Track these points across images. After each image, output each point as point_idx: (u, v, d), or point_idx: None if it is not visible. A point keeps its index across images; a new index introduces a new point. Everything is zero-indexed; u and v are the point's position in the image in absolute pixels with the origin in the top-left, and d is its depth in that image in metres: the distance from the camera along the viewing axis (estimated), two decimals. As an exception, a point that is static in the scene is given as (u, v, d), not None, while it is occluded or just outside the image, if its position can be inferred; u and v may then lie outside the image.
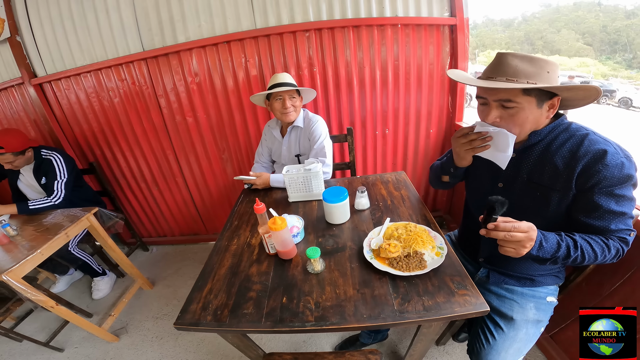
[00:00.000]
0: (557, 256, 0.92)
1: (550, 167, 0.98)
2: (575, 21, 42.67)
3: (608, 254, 0.93)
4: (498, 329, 1.17)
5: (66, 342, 2.20)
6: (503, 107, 0.94)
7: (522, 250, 0.88)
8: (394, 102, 2.29)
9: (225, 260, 1.26)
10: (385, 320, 0.90)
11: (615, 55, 34.49)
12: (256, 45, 2.12)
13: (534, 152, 1.03)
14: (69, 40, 2.21)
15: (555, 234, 0.94)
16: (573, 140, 0.96)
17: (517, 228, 0.86)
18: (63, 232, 1.82)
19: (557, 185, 0.97)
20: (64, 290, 2.73)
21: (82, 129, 2.55)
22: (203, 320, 1.00)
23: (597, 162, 0.88)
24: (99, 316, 2.39)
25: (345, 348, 1.87)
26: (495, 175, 1.14)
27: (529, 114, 0.94)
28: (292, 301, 1.01)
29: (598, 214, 0.93)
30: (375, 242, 1.17)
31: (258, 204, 1.13)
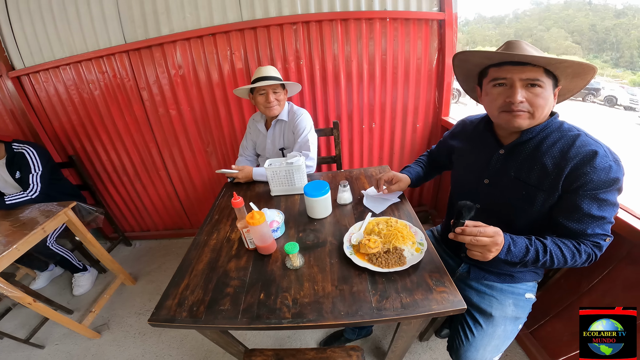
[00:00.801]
0: (526, 260, 0.92)
1: (539, 167, 0.97)
2: (565, 19, 43.00)
3: (579, 259, 0.93)
4: (477, 325, 1.17)
5: (47, 338, 2.16)
6: (529, 86, 0.92)
7: (488, 254, 0.88)
8: (380, 97, 2.27)
9: (203, 255, 1.23)
10: (362, 317, 0.88)
11: (602, 54, 34.96)
12: (242, 37, 2.07)
13: (524, 150, 1.01)
14: (48, 32, 2.13)
15: (525, 238, 0.94)
16: (564, 140, 0.94)
17: (483, 233, 0.86)
18: (39, 227, 1.77)
19: (543, 186, 0.96)
20: (45, 286, 2.66)
21: (61, 122, 2.47)
22: (178, 317, 0.98)
23: (586, 164, 0.88)
24: (80, 312, 2.34)
25: (330, 343, 1.86)
26: (481, 171, 1.12)
27: (549, 96, 0.92)
28: (270, 297, 0.99)
29: (577, 217, 0.93)
30: (355, 237, 1.15)
31: (236, 198, 1.10)
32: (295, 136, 1.82)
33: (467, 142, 1.24)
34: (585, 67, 0.88)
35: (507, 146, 1.05)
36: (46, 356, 2.05)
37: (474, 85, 1.12)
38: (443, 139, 1.43)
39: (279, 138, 1.91)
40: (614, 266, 1.20)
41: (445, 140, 1.40)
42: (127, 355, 1.99)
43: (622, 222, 1.12)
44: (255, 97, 1.79)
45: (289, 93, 1.95)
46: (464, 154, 1.23)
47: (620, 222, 1.12)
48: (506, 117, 0.97)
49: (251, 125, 2.02)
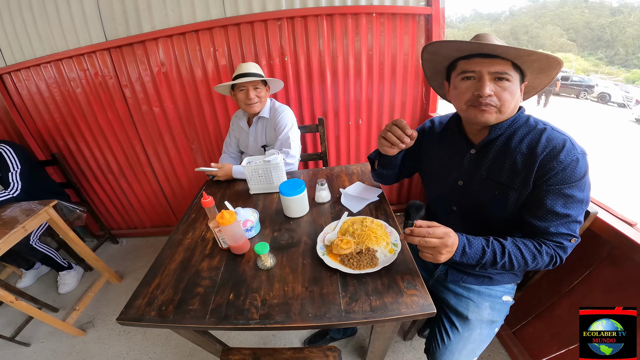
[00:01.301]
0: (483, 262, 0.90)
1: (509, 165, 0.94)
2: (560, 17, 43.19)
3: (540, 261, 0.91)
4: (453, 328, 1.15)
5: (32, 336, 2.15)
6: (497, 79, 0.89)
7: (438, 256, 0.86)
8: (367, 93, 2.25)
9: (177, 254, 1.21)
10: (330, 320, 0.87)
11: (597, 52, 35.14)
12: (226, 34, 2.04)
13: (494, 147, 0.99)
14: (28, 30, 2.10)
15: (483, 239, 0.92)
16: (532, 135, 0.92)
17: (431, 234, 0.84)
18: (20, 226, 1.74)
19: (515, 184, 0.94)
20: (31, 284, 2.65)
21: (44, 120, 2.44)
22: (147, 316, 0.96)
23: (553, 159, 0.86)
24: (65, 310, 2.33)
25: (315, 342, 1.85)
26: (455, 173, 1.10)
27: (516, 90, 0.90)
28: (239, 298, 0.97)
29: (541, 214, 0.90)
30: (329, 237, 1.13)
31: (205, 198, 1.08)
32: (277, 133, 1.80)
33: (437, 144, 1.20)
34: (552, 60, 0.86)
35: (478, 145, 1.02)
36: (32, 354, 2.05)
37: (442, 80, 1.09)
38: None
39: (260, 135, 1.89)
40: (594, 268, 1.19)
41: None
42: (112, 353, 1.99)
43: (602, 223, 1.10)
44: (236, 94, 1.76)
45: (272, 90, 1.92)
46: (436, 156, 1.19)
47: (600, 223, 1.11)
48: (474, 112, 0.94)
49: (234, 123, 1.99)
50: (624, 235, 1.04)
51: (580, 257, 1.22)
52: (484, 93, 0.89)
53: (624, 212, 1.15)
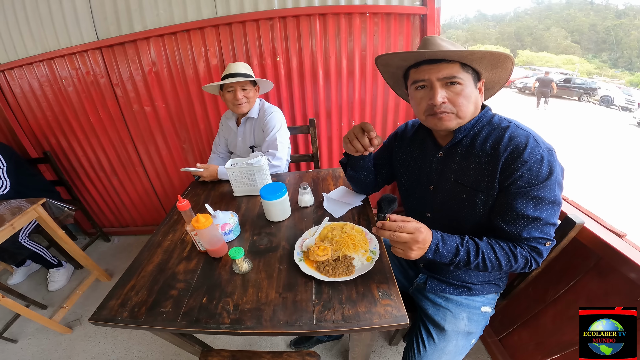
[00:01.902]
0: (456, 261, 0.87)
1: (474, 166, 0.92)
2: (565, 19, 43.06)
3: (515, 264, 0.88)
4: (430, 339, 1.13)
5: (20, 333, 2.16)
6: (448, 85, 0.87)
7: (409, 252, 0.83)
8: (360, 94, 2.22)
9: (155, 256, 1.20)
10: (301, 327, 0.85)
11: (601, 54, 35.02)
12: (217, 34, 2.02)
13: (460, 149, 0.97)
14: (21, 29, 2.10)
15: (458, 238, 0.89)
16: (495, 134, 0.90)
17: (402, 228, 0.81)
18: (8, 224, 1.73)
19: (480, 186, 0.91)
20: (21, 281, 2.65)
21: (36, 118, 2.45)
22: (119, 317, 0.96)
23: (516, 158, 0.83)
24: (54, 308, 2.32)
25: (300, 344, 1.84)
26: (426, 178, 1.08)
27: (471, 92, 0.88)
28: (212, 302, 0.96)
29: (511, 218, 0.87)
30: (307, 243, 1.11)
31: (181, 201, 1.06)
32: (265, 134, 1.78)
33: (408, 148, 1.18)
34: (498, 56, 0.84)
35: (445, 148, 1.00)
36: (18, 350, 2.06)
37: (404, 89, 1.05)
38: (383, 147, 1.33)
39: (249, 135, 1.87)
40: (581, 277, 1.17)
41: (386, 148, 1.31)
42: (97, 350, 1.99)
43: (589, 233, 1.09)
44: (224, 94, 1.75)
45: (262, 90, 1.91)
46: (407, 162, 1.17)
47: (587, 233, 1.09)
48: (432, 121, 0.93)
49: (223, 122, 1.98)
50: (610, 246, 1.03)
51: (567, 266, 1.21)
52: (436, 102, 0.88)
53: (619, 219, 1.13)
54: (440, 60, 0.85)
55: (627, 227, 1.12)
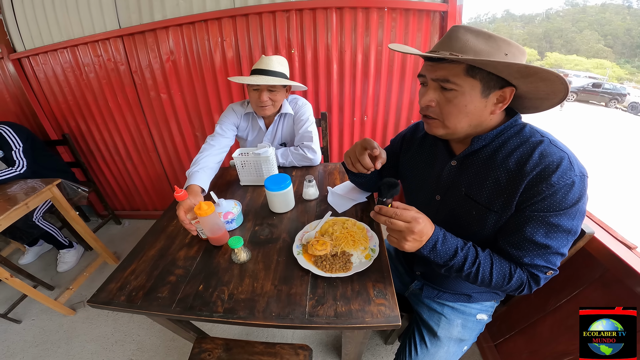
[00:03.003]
0: (450, 265, 0.81)
1: (491, 183, 0.81)
2: (600, 22, 41.60)
3: (507, 285, 0.81)
4: (422, 344, 1.11)
5: (25, 314, 2.20)
6: (442, 89, 0.77)
7: (403, 242, 0.78)
8: (374, 89, 2.19)
9: (158, 241, 1.21)
10: (292, 321, 0.84)
11: (634, 59, 33.66)
12: (234, 24, 2.02)
13: (477, 160, 0.85)
14: (48, 17, 2.16)
15: (460, 242, 0.82)
16: (523, 149, 0.77)
17: (399, 216, 0.76)
18: (22, 203, 1.78)
19: (495, 206, 0.80)
20: (32, 261, 2.72)
21: (58, 102, 2.52)
22: (116, 300, 0.97)
23: (543, 180, 0.71)
24: (60, 289, 2.38)
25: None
26: (433, 186, 0.99)
27: (469, 103, 0.75)
28: (208, 290, 0.96)
29: (516, 240, 0.79)
30: (307, 236, 1.10)
31: (178, 192, 1.07)
32: (297, 127, 1.69)
33: (417, 151, 1.08)
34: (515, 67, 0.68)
35: (459, 156, 0.89)
36: (21, 330, 2.10)
37: None
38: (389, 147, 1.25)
39: (282, 133, 1.76)
40: (584, 288, 1.13)
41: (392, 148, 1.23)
42: (97, 333, 2.03)
43: (598, 243, 1.04)
44: (249, 91, 1.58)
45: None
46: (414, 165, 1.08)
47: (596, 243, 1.05)
48: (424, 124, 0.88)
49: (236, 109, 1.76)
50: (619, 258, 0.98)
51: (571, 276, 1.17)
52: (421, 103, 0.81)
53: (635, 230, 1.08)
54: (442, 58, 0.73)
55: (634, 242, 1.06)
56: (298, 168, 1.70)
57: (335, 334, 1.86)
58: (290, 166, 1.69)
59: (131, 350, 1.90)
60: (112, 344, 1.95)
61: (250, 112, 1.70)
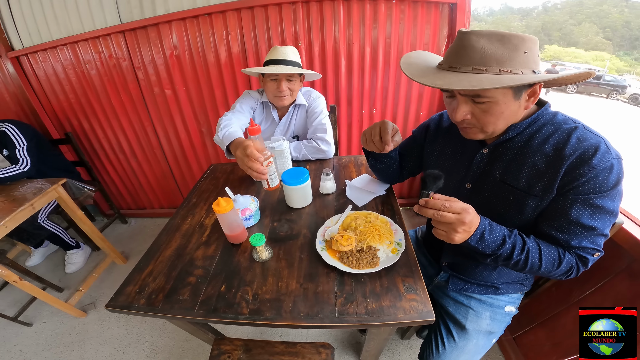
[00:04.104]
0: (499, 254, 0.80)
1: (529, 167, 0.82)
2: (598, 15, 41.64)
3: (556, 270, 0.80)
4: (450, 337, 1.09)
5: (35, 316, 2.18)
6: (473, 101, 0.77)
7: (453, 234, 0.75)
8: (383, 82, 2.16)
9: (173, 240, 1.17)
10: (322, 321, 0.81)
11: (633, 52, 33.72)
12: (239, 17, 1.98)
13: (511, 147, 0.86)
14: (46, 13, 2.10)
15: (505, 229, 0.81)
16: (558, 135, 0.79)
17: (448, 208, 0.74)
18: (28, 204, 1.74)
19: (535, 190, 0.81)
20: (39, 263, 2.68)
21: (59, 100, 2.47)
22: (136, 304, 0.93)
23: (584, 163, 0.73)
24: (70, 290, 2.35)
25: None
26: (462, 175, 0.98)
27: (505, 109, 0.76)
28: (231, 290, 0.93)
29: (562, 224, 0.79)
30: (330, 232, 1.07)
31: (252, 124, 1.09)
32: (311, 119, 1.66)
33: (444, 140, 1.08)
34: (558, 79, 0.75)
35: (492, 144, 0.89)
36: (33, 334, 2.07)
37: None
38: (411, 137, 1.25)
39: (296, 125, 1.73)
40: (610, 279, 1.11)
41: (415, 139, 1.23)
42: (110, 335, 2.00)
43: (626, 233, 1.03)
44: (266, 82, 1.56)
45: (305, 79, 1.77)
46: (441, 155, 1.08)
47: (624, 233, 1.03)
48: (460, 130, 0.87)
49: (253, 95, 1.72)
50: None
51: (597, 267, 1.13)
52: (455, 119, 0.81)
53: None
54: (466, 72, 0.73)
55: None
56: (311, 162, 1.65)
57: (352, 331, 1.84)
58: (303, 160, 1.65)
59: (145, 352, 1.88)
60: (125, 346, 1.93)
61: (266, 101, 1.68)
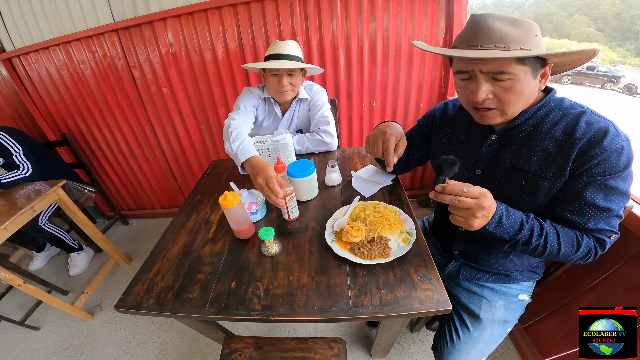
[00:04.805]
0: (517, 239, 0.79)
1: (540, 152, 0.82)
2: (589, 7, 41.84)
3: (575, 253, 0.80)
4: (464, 327, 1.08)
5: (42, 320, 2.17)
6: (494, 79, 0.76)
7: (472, 220, 0.75)
8: (382, 75, 2.14)
9: (179, 238, 1.16)
10: (337, 314, 0.80)
11: (626, 43, 33.93)
12: (235, 13, 1.96)
13: (520, 133, 0.86)
14: (36, 13, 2.06)
15: (522, 214, 0.80)
16: (567, 119, 0.80)
17: (466, 193, 0.73)
18: (28, 207, 1.72)
19: (547, 173, 0.81)
20: (42, 266, 2.67)
21: (54, 102, 2.43)
22: (145, 304, 0.92)
23: (595, 145, 0.73)
24: (75, 293, 2.33)
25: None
26: (471, 161, 0.98)
27: (525, 87, 0.76)
28: (241, 286, 0.92)
29: (577, 207, 0.79)
30: (339, 223, 1.05)
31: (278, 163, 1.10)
32: (313, 112, 1.64)
33: (450, 128, 1.08)
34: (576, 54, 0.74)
35: (500, 131, 0.90)
36: (41, 337, 2.06)
37: None
38: (416, 127, 1.25)
39: (298, 119, 1.71)
40: (620, 265, 1.09)
41: (420, 128, 1.22)
42: (118, 337, 1.99)
43: (636, 217, 1.01)
44: (267, 78, 1.53)
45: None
46: (448, 143, 1.07)
47: (634, 217, 1.02)
48: (475, 115, 0.86)
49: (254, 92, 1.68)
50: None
51: (607, 253, 1.12)
52: (478, 97, 0.78)
53: None
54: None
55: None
56: (315, 154, 1.64)
57: (360, 324, 1.83)
58: (306, 153, 1.64)
59: (154, 353, 1.87)
60: (134, 347, 1.92)
61: (267, 97, 1.65)
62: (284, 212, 1.13)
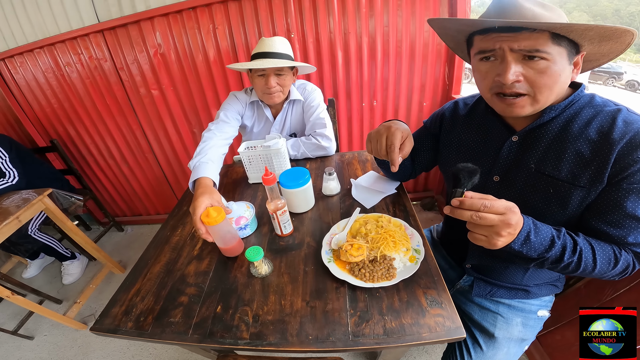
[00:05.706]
0: (547, 257, 0.68)
1: (572, 155, 0.71)
2: (587, 3, 41.79)
3: (611, 270, 0.70)
4: (476, 347, 0.98)
5: (36, 329, 2.12)
6: (526, 59, 0.66)
7: (496, 239, 0.63)
8: (383, 73, 2.04)
9: (162, 255, 1.06)
10: (334, 344, 0.70)
11: (626, 39, 34.22)
12: (226, 11, 1.87)
13: (546, 133, 0.75)
14: (18, 15, 1.98)
15: (552, 228, 0.69)
16: (601, 117, 0.70)
17: (490, 208, 0.61)
18: (13, 217, 1.65)
19: (581, 180, 0.70)
20: (36, 275, 2.62)
21: (41, 106, 2.36)
22: (123, 327, 0.84)
23: (637, 147, 0.64)
24: (69, 302, 2.28)
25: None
26: (488, 166, 0.86)
27: (562, 71, 0.66)
28: (228, 311, 0.82)
29: (616, 218, 0.69)
30: (337, 239, 0.95)
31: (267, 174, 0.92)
32: (308, 114, 1.53)
33: (463, 129, 0.96)
34: (614, 31, 0.61)
35: (522, 131, 0.79)
36: (34, 347, 2.02)
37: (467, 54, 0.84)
38: (423, 129, 1.13)
39: (291, 122, 1.61)
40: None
41: (427, 130, 1.10)
42: (113, 347, 1.94)
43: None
44: (253, 79, 1.42)
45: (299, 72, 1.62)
46: (460, 145, 0.96)
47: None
48: (499, 105, 0.74)
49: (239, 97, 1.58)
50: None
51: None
52: (507, 79, 0.67)
53: None
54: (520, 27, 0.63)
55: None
56: (311, 160, 1.53)
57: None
58: (302, 158, 1.53)
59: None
60: (129, 358, 1.88)
61: (256, 100, 1.54)
62: (275, 226, 1.03)
